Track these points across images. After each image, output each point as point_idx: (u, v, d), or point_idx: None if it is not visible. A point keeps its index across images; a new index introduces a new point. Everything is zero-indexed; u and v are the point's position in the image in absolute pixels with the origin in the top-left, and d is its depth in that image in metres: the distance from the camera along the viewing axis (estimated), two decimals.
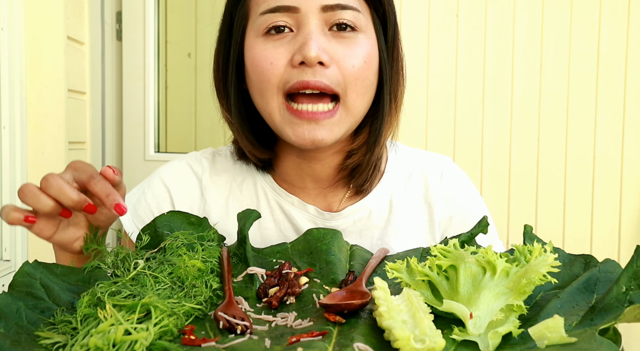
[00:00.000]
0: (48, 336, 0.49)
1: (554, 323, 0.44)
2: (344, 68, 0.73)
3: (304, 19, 0.73)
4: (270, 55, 0.73)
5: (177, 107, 2.31)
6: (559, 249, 0.62)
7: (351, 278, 0.62)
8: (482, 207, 0.90)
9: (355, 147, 0.81)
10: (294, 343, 0.47)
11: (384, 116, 0.80)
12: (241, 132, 0.81)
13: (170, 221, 0.71)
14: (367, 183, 0.83)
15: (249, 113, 0.81)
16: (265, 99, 0.75)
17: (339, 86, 0.73)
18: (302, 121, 0.73)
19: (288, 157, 0.84)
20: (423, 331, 0.46)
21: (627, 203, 1.95)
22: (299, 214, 0.84)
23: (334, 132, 0.74)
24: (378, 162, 0.84)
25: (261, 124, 0.81)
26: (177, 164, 0.91)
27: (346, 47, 0.74)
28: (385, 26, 0.79)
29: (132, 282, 0.57)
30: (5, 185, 1.48)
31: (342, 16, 0.73)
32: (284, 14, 0.73)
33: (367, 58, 0.75)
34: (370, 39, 0.76)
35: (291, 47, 0.73)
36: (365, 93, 0.76)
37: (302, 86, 0.72)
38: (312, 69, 0.71)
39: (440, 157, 0.92)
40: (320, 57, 0.71)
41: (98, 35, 2.14)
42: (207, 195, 0.87)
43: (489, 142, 2.00)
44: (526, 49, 1.97)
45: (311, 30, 0.72)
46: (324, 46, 0.72)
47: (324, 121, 0.73)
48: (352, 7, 0.74)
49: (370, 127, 0.81)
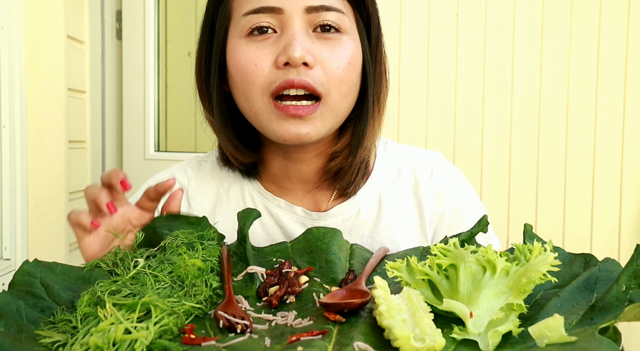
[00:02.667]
0: (48, 335, 0.49)
1: (554, 322, 0.44)
2: (328, 69, 0.73)
3: (288, 20, 0.73)
4: (255, 57, 0.73)
5: (177, 107, 2.30)
6: (559, 248, 0.62)
7: (351, 277, 0.62)
8: (475, 202, 0.89)
9: (337, 150, 0.81)
10: (294, 342, 0.47)
11: (367, 119, 0.80)
12: (224, 136, 0.81)
13: (169, 221, 0.71)
14: (352, 186, 0.83)
15: (232, 116, 0.81)
16: (250, 100, 0.75)
17: (322, 86, 0.73)
18: (288, 116, 0.73)
19: (274, 158, 0.84)
20: (423, 330, 0.46)
21: (627, 202, 1.95)
22: (287, 217, 0.84)
23: (317, 127, 0.74)
24: (362, 165, 0.84)
25: (244, 127, 0.81)
26: (161, 177, 0.91)
27: (330, 48, 0.74)
28: (369, 28, 0.79)
29: (132, 281, 0.57)
30: (5, 185, 1.48)
31: (326, 17, 0.73)
32: (268, 15, 0.73)
33: (351, 60, 0.75)
34: (354, 40, 0.77)
35: (275, 49, 0.73)
36: (348, 94, 0.77)
37: (287, 84, 0.72)
38: (297, 69, 0.72)
39: (430, 153, 0.92)
40: (304, 58, 0.71)
41: (98, 34, 2.14)
42: (194, 205, 0.87)
43: (489, 142, 2.00)
44: (526, 49, 1.97)
45: (295, 31, 0.72)
46: (308, 47, 0.72)
47: (307, 116, 0.73)
48: (336, 9, 0.74)
49: (353, 129, 0.81)
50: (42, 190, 1.55)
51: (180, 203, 0.74)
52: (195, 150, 2.30)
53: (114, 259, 0.64)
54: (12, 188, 1.49)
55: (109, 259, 0.64)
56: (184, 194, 0.87)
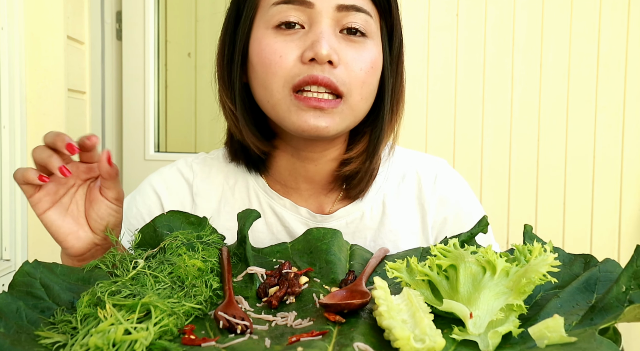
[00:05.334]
0: (48, 336, 0.49)
1: (554, 322, 0.44)
2: (351, 70, 0.74)
3: (318, 16, 0.73)
4: (280, 49, 0.73)
5: (177, 107, 2.30)
6: (558, 248, 0.62)
7: (351, 277, 0.62)
8: (478, 208, 0.90)
9: (353, 156, 0.81)
10: (294, 342, 0.47)
11: (383, 126, 0.80)
12: (244, 124, 0.80)
13: (169, 221, 0.71)
14: (363, 192, 0.84)
15: (251, 106, 0.81)
16: (269, 91, 0.75)
17: (344, 85, 0.74)
18: (309, 107, 0.73)
19: (283, 156, 0.84)
20: (423, 331, 0.46)
21: (627, 202, 1.95)
22: (291, 217, 0.84)
23: (337, 122, 0.74)
24: (375, 171, 0.84)
25: (260, 120, 0.82)
26: (167, 170, 0.91)
27: (355, 50, 0.74)
28: (392, 36, 0.80)
29: (132, 282, 0.57)
30: (5, 185, 1.48)
31: (354, 19, 0.74)
32: (297, 8, 0.73)
33: (373, 64, 0.76)
34: (377, 46, 0.77)
35: (302, 44, 0.73)
36: (368, 97, 0.77)
37: (311, 80, 0.72)
38: (321, 66, 0.72)
39: (435, 159, 0.92)
40: (330, 56, 0.71)
41: (98, 34, 2.14)
42: (199, 200, 0.87)
43: (489, 142, 2.00)
44: (526, 49, 1.97)
45: (323, 29, 0.73)
46: (335, 46, 0.73)
47: (328, 110, 0.73)
48: (365, 11, 0.75)
49: (369, 136, 0.81)
50: None
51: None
52: (195, 150, 2.30)
53: (113, 260, 0.64)
54: (12, 188, 1.49)
55: (109, 260, 0.64)
56: (189, 189, 0.88)
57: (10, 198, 1.49)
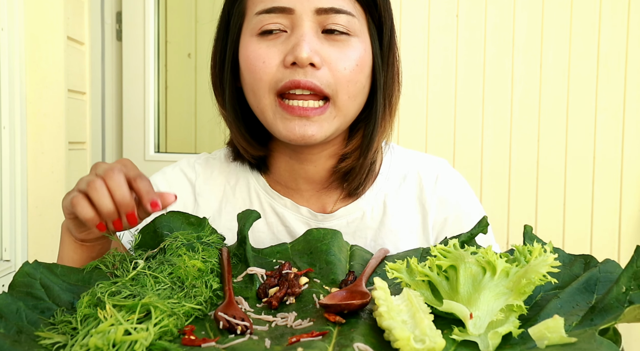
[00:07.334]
0: (48, 337, 0.49)
1: (554, 323, 0.44)
2: (335, 70, 0.74)
3: (298, 20, 0.73)
4: (263, 55, 0.75)
5: (177, 107, 2.30)
6: (558, 249, 0.62)
7: (351, 278, 0.62)
8: (479, 209, 0.90)
9: (348, 151, 0.82)
10: (294, 343, 0.47)
11: (377, 121, 0.80)
12: (235, 129, 0.82)
13: (169, 221, 0.71)
14: (361, 187, 0.84)
15: (244, 111, 0.82)
16: (257, 97, 0.76)
17: (329, 87, 0.74)
18: (294, 116, 0.74)
19: (281, 158, 0.85)
20: (423, 332, 0.46)
21: (627, 203, 1.95)
22: (292, 217, 0.85)
23: (324, 129, 0.75)
24: (372, 166, 0.84)
25: (255, 122, 0.82)
26: (170, 170, 0.91)
27: (338, 50, 0.75)
28: (381, 31, 0.80)
29: (132, 282, 0.57)
30: (5, 186, 1.48)
31: (335, 20, 0.74)
32: (279, 15, 0.74)
33: (359, 61, 0.76)
34: (363, 43, 0.77)
35: (284, 48, 0.74)
36: (357, 96, 0.77)
37: (293, 85, 0.73)
38: (304, 69, 0.73)
39: (436, 159, 0.92)
40: (311, 59, 0.72)
41: (98, 35, 2.14)
42: (201, 200, 0.88)
43: (489, 142, 2.00)
44: (526, 49, 1.97)
45: (304, 32, 0.73)
46: (316, 48, 0.73)
47: (314, 117, 0.74)
48: (346, 12, 0.74)
49: (363, 131, 0.81)
50: (42, 191, 1.55)
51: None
52: (195, 151, 2.30)
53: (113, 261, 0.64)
54: (12, 189, 1.49)
55: (109, 261, 0.64)
56: (191, 189, 0.88)
57: (10, 199, 1.49)
